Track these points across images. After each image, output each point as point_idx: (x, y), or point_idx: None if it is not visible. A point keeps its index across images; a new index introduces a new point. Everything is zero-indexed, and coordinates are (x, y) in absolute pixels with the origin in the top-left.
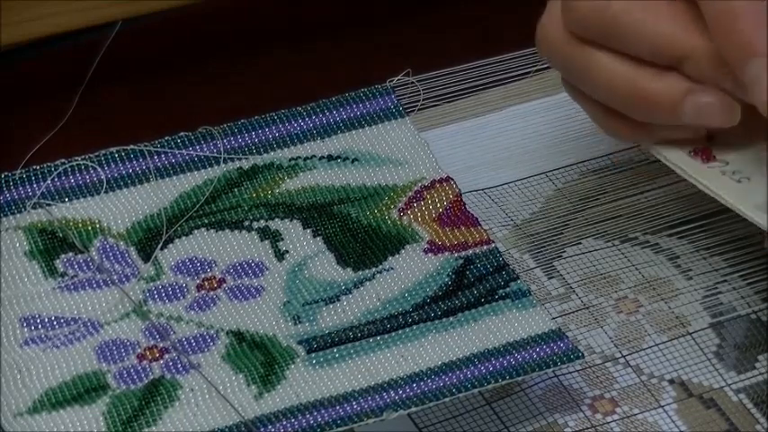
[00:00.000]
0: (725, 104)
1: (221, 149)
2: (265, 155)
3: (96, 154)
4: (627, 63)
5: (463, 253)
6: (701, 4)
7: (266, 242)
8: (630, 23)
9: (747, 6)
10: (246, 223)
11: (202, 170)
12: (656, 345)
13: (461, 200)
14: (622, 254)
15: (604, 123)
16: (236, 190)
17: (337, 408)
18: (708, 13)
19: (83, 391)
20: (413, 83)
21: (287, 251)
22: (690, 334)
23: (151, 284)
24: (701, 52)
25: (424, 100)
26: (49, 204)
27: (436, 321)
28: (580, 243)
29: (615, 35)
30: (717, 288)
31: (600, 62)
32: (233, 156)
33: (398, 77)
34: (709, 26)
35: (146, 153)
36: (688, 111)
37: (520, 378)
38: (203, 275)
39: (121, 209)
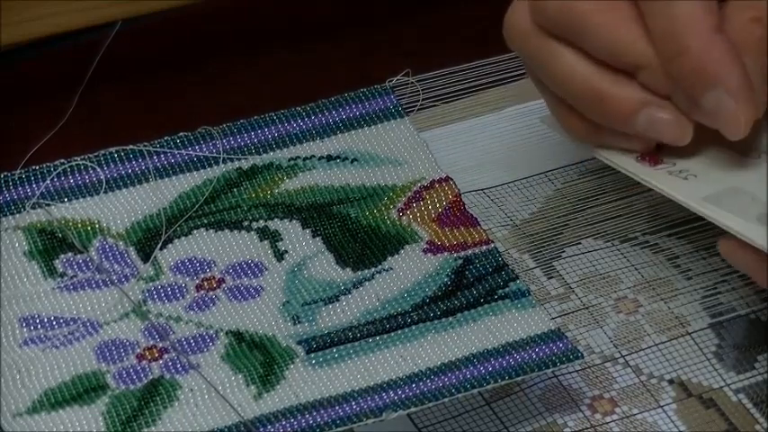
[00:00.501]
0: (678, 122)
1: (221, 149)
2: (264, 155)
3: (96, 154)
4: (589, 63)
5: (462, 253)
6: (641, 5)
7: (265, 242)
8: (592, 26)
9: (694, 17)
10: (246, 223)
11: (202, 170)
12: (656, 345)
13: (461, 200)
14: (622, 254)
15: (562, 118)
16: (235, 190)
17: (336, 408)
18: (650, 23)
19: (82, 391)
20: (412, 83)
21: (286, 251)
22: (689, 334)
23: (150, 284)
24: (657, 64)
25: (423, 100)
26: (48, 204)
27: (435, 321)
28: (579, 243)
29: (578, 35)
30: (716, 288)
31: (563, 58)
32: (232, 156)
33: (398, 77)
34: (653, 37)
35: (145, 153)
36: (641, 122)
37: (519, 378)
38: (203, 275)
39: (121, 209)
